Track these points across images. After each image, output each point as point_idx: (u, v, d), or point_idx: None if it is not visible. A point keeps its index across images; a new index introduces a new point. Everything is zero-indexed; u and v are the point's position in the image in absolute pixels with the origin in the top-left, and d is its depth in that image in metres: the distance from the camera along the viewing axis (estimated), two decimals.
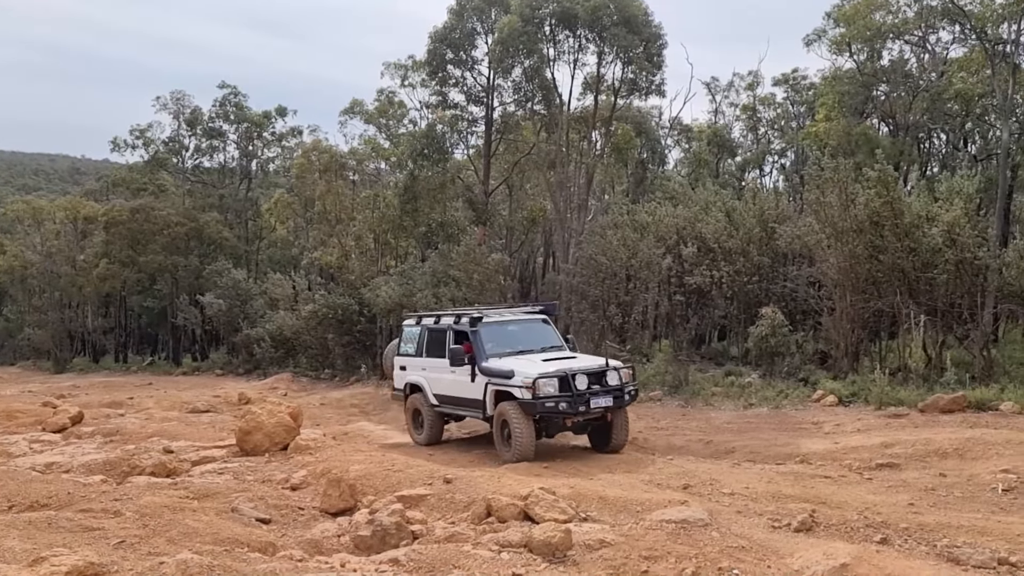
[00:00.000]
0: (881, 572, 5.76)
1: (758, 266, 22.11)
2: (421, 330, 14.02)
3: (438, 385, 13.35)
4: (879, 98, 31.76)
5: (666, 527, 7.16)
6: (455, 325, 13.18)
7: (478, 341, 12.53)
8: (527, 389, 11.39)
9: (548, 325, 13.68)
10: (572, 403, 11.41)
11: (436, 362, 13.29)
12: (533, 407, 11.43)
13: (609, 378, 11.85)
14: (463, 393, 12.68)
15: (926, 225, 18.32)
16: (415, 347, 14.03)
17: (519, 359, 12.22)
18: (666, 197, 27.28)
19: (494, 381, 12.01)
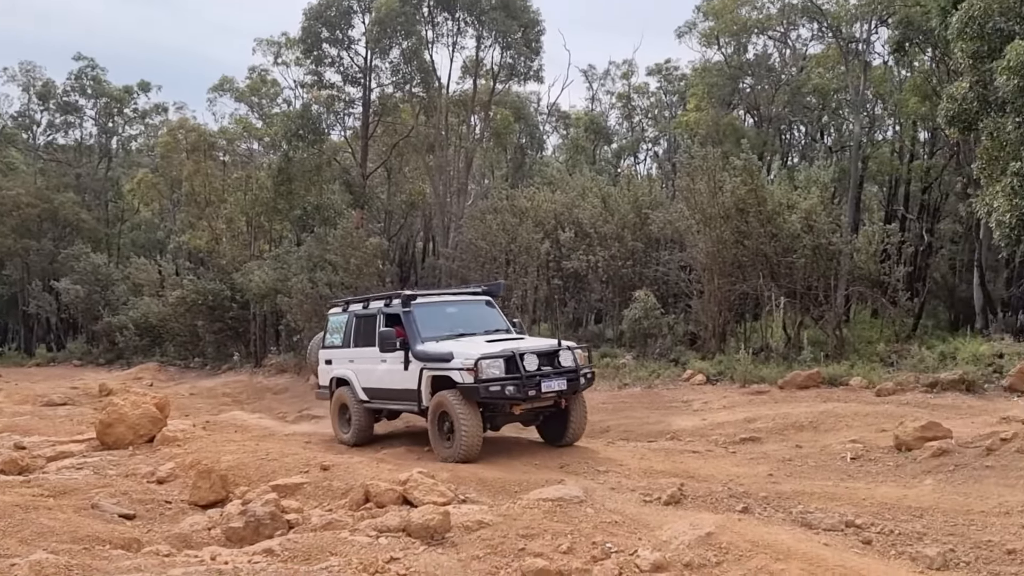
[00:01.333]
0: (742, 539, 6.07)
1: (632, 251, 22.74)
2: (348, 318, 12.53)
3: (367, 378, 11.86)
4: (745, 90, 33.24)
5: (543, 506, 7.29)
6: (386, 308, 11.72)
7: (411, 322, 11.07)
8: (468, 372, 9.89)
9: (492, 308, 12.24)
10: (520, 387, 9.91)
11: (365, 352, 11.89)
12: (475, 392, 9.89)
13: (562, 359, 10.43)
14: (395, 384, 11.18)
15: (786, 212, 19.32)
16: (342, 337, 12.58)
17: (459, 341, 10.84)
18: (544, 182, 27.65)
19: (430, 366, 10.52)
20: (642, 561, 5.74)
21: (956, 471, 8.10)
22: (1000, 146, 14.68)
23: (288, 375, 24.70)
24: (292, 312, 24.29)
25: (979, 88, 14.90)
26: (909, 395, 13.45)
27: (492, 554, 6.24)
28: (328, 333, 13.06)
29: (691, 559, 5.78)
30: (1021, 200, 13.76)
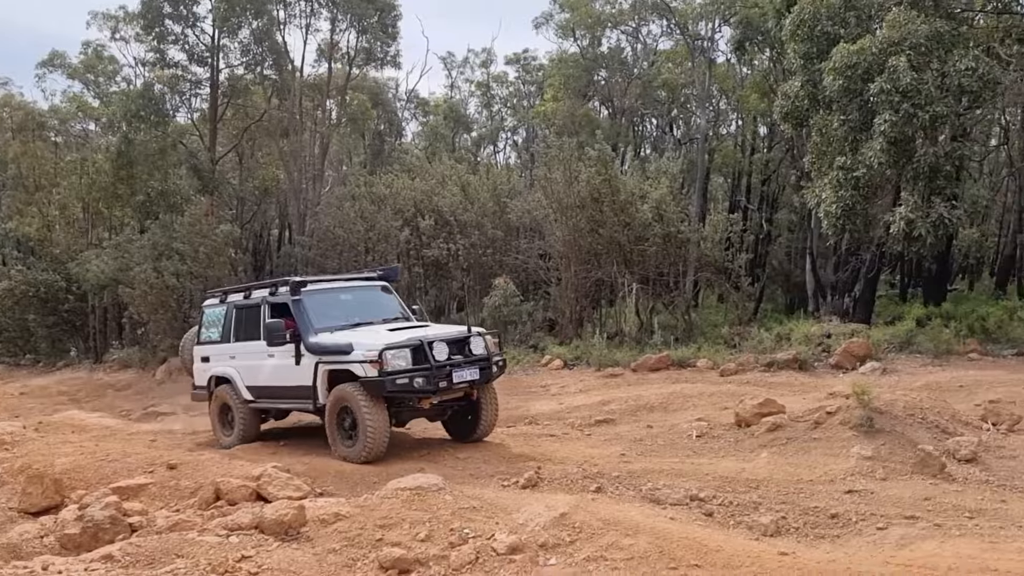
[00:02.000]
0: (594, 517, 6.27)
1: (492, 239, 22.94)
2: (227, 310, 11.41)
3: (252, 375, 10.80)
4: (600, 82, 34.19)
5: (401, 495, 7.24)
6: (271, 297, 10.68)
7: (302, 312, 10.08)
8: (372, 364, 9.07)
9: (389, 294, 11.37)
10: (430, 378, 9.12)
11: (249, 347, 10.83)
12: (380, 386, 9.06)
13: (473, 346, 9.69)
14: (286, 380, 10.21)
15: (639, 202, 20.07)
16: (220, 331, 11.47)
17: (357, 331, 9.98)
18: (404, 170, 27.40)
19: (327, 360, 9.65)
20: (499, 544, 5.82)
21: (788, 444, 8.71)
22: (828, 142, 15.85)
23: (132, 370, 23.33)
24: (136, 304, 22.92)
25: (809, 87, 16.02)
26: (749, 374, 14.31)
27: (349, 546, 6.15)
28: (203, 327, 11.89)
29: (546, 540, 5.91)
30: (845, 192, 14.92)
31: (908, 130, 14.03)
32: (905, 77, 13.61)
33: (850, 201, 15.11)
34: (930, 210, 14.21)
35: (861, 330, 16.20)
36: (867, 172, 14.69)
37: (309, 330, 9.93)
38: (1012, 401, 10.23)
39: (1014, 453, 7.95)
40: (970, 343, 14.99)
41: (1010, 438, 8.47)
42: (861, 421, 8.38)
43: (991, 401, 9.91)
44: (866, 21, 15.71)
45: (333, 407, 9.50)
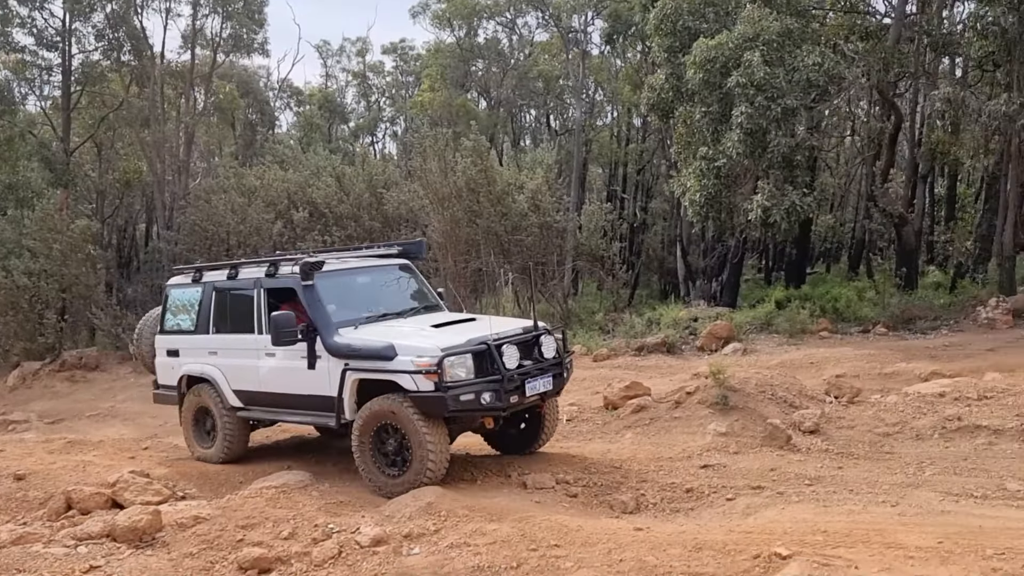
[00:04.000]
0: (460, 505, 6.34)
1: (369, 231, 22.65)
2: (204, 292, 9.04)
3: (243, 377, 8.59)
4: (477, 73, 34.33)
5: (266, 493, 7.10)
6: (269, 280, 8.38)
7: (317, 301, 7.89)
8: (427, 376, 6.98)
9: (412, 274, 9.12)
10: (501, 392, 7.13)
11: (237, 341, 8.64)
12: (440, 404, 6.98)
13: (545, 348, 7.75)
14: (293, 388, 8.08)
15: (515, 192, 20.29)
16: (194, 319, 9.12)
17: (392, 327, 7.94)
18: (276, 161, 26.64)
19: (358, 366, 7.49)
20: (362, 537, 5.80)
21: (651, 424, 9.05)
22: (691, 133, 16.52)
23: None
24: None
25: (674, 80, 16.62)
26: (621, 359, 14.75)
27: (208, 549, 5.99)
28: (169, 312, 9.45)
29: (411, 530, 5.94)
30: (708, 181, 15.59)
31: (763, 122, 14.79)
32: (759, 71, 14.34)
33: (713, 190, 15.81)
34: (784, 198, 15.04)
35: (725, 313, 16.99)
36: (727, 162, 15.39)
37: (328, 326, 7.74)
38: (855, 375, 11.00)
39: (852, 423, 8.55)
40: (822, 323, 15.97)
41: (850, 409, 9.10)
42: (717, 399, 8.80)
43: (836, 376, 10.61)
44: (724, 17, 16.44)
45: (368, 425, 7.34)
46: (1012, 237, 16.84)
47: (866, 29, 18.45)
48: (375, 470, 7.38)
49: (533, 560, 5.21)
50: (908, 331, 15.50)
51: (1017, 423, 7.91)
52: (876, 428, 8.43)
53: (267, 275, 8.45)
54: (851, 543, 4.81)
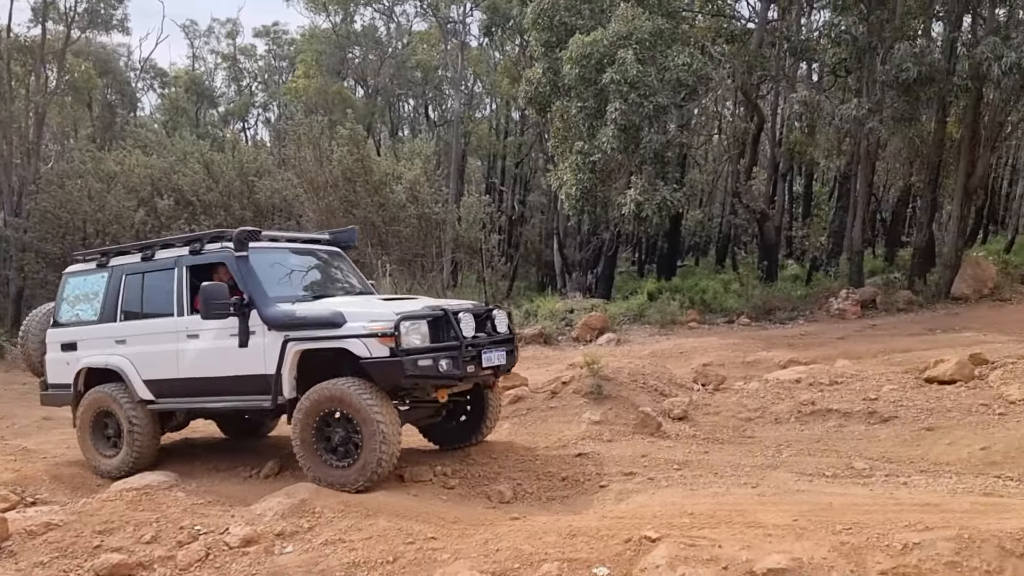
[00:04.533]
0: (336, 501, 6.22)
1: (241, 220, 21.82)
2: (110, 278, 8.34)
3: (157, 365, 7.86)
4: (353, 60, 33.67)
5: (127, 496, 6.74)
6: (193, 256, 7.78)
7: (250, 274, 7.36)
8: (380, 340, 6.53)
9: (345, 261, 8.78)
10: (458, 360, 6.79)
11: (151, 325, 7.94)
12: (396, 370, 6.53)
13: (498, 323, 7.55)
14: (220, 370, 7.43)
15: (393, 183, 20.08)
16: (98, 308, 8.37)
17: (335, 301, 7.42)
18: (139, 145, 25.23)
19: (300, 335, 6.95)
20: (232, 538, 5.60)
21: (528, 414, 9.16)
22: (568, 127, 16.81)
23: None
24: None
25: (550, 74, 16.85)
26: None
27: (61, 557, 5.63)
28: (65, 303, 8.67)
29: (283, 528, 5.77)
30: (583, 175, 15.91)
31: (636, 118, 15.23)
32: (632, 69, 14.74)
33: (588, 184, 16.15)
34: (655, 193, 15.55)
35: (600, 305, 17.42)
36: (602, 157, 15.76)
37: (265, 297, 7.22)
38: (721, 364, 11.52)
39: (717, 410, 8.96)
40: (691, 314, 16.64)
41: (716, 396, 9.53)
42: (592, 389, 9.01)
43: (703, 364, 11.08)
44: (599, 14, 16.80)
45: (312, 411, 6.77)
46: (860, 233, 18.06)
47: (732, 33, 19.31)
48: (317, 461, 6.81)
49: (410, 553, 5.18)
50: (769, 321, 16.37)
51: (864, 406, 8.50)
52: (739, 414, 8.86)
53: (191, 252, 7.81)
54: (715, 524, 5.03)
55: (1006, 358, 9.47)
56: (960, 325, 13.98)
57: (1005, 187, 33.76)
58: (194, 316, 7.59)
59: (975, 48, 14.92)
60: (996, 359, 9.47)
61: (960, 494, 5.62)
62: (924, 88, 15.37)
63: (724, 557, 4.33)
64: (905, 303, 16.32)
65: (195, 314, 7.59)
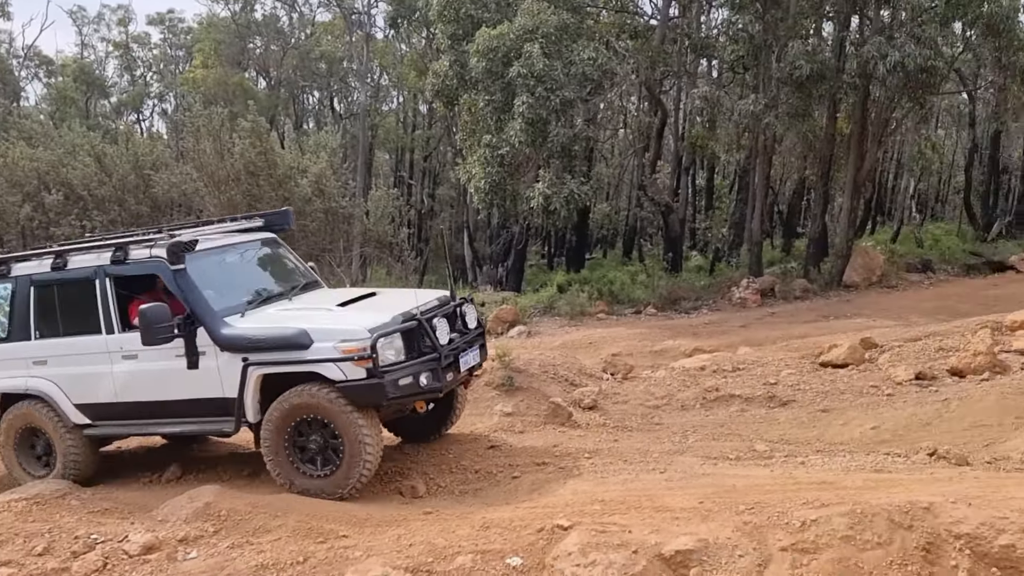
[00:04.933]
0: (242, 503, 6.04)
1: (136, 215, 20.96)
2: (17, 288, 7.34)
3: (89, 388, 7.08)
4: (255, 51, 32.74)
5: (15, 507, 6.37)
6: (117, 266, 6.92)
7: (192, 289, 6.64)
8: (357, 362, 6.09)
9: (280, 249, 7.91)
10: (438, 372, 6.41)
11: (75, 344, 7.10)
12: (378, 392, 6.13)
13: (468, 318, 7.15)
14: (169, 393, 6.80)
15: (298, 176, 19.65)
16: (2, 324, 7.42)
17: (287, 310, 6.88)
18: (23, 137, 23.84)
19: (261, 359, 6.37)
20: (131, 546, 5.38)
21: None
22: (476, 120, 16.81)
23: None
24: None
25: (457, 67, 16.80)
26: None
27: None
28: None
29: (187, 533, 5.58)
30: (492, 168, 15.95)
31: (543, 112, 15.36)
32: (538, 63, 14.86)
33: (496, 177, 16.20)
34: (563, 186, 15.73)
35: (511, 298, 17.52)
36: (510, 150, 15.83)
37: (213, 315, 6.54)
38: (629, 353, 11.76)
39: (626, 398, 9.15)
40: (599, 305, 16.92)
41: (624, 385, 9.73)
42: (503, 381, 9.05)
43: (612, 354, 11.28)
44: (505, 8, 16.84)
45: (283, 423, 6.32)
46: (759, 225, 18.75)
47: (635, 29, 19.69)
48: (293, 472, 6.40)
49: (321, 553, 5.09)
50: (674, 311, 16.82)
51: (764, 391, 8.83)
52: (647, 402, 9.07)
53: (113, 261, 6.92)
54: (625, 510, 5.13)
55: (893, 342, 10.01)
56: (852, 311, 14.70)
57: (891, 180, 35.65)
58: (127, 334, 6.84)
59: (862, 47, 15.67)
60: (884, 343, 9.99)
61: (853, 471, 5.90)
62: (816, 85, 16.06)
63: (634, 541, 4.42)
64: (801, 291, 17.05)
65: (128, 331, 6.84)
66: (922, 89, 16.43)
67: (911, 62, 14.74)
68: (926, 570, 4.00)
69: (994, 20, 15.42)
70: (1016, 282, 18.01)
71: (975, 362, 8.52)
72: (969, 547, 4.07)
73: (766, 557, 4.20)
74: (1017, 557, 3.99)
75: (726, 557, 4.23)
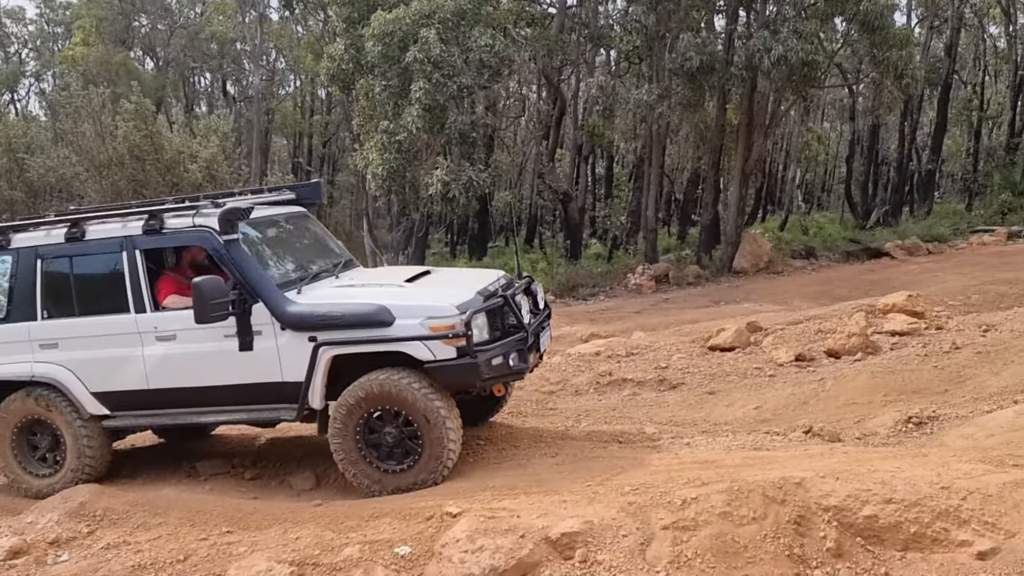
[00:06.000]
0: (121, 501, 5.77)
1: (10, 201, 19.78)
2: (18, 262, 6.52)
3: (113, 373, 6.33)
4: (140, 29, 31.25)
5: None
6: (151, 237, 6.21)
7: (247, 261, 6.03)
8: (448, 341, 5.62)
9: (314, 223, 7.39)
10: (524, 352, 5.96)
11: (96, 325, 6.32)
12: (472, 373, 5.69)
13: (539, 297, 6.74)
14: (215, 378, 6.12)
15: (188, 161, 18.92)
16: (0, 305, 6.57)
17: (347, 287, 6.34)
18: None
19: (334, 338, 5.79)
20: None
21: None
22: (373, 106, 16.55)
23: None
24: None
25: (353, 51, 16.48)
26: None
27: None
28: None
29: (59, 535, 5.31)
30: (390, 155, 15.75)
31: (441, 98, 15.25)
32: (435, 48, 14.73)
33: (394, 164, 16.01)
34: (462, 173, 15.69)
35: None
36: (408, 136, 15.67)
37: (273, 290, 5.97)
38: None
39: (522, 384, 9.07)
40: None
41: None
42: None
43: None
44: None
45: (356, 410, 5.79)
46: (654, 213, 19.22)
47: (533, 16, 19.79)
48: (368, 468, 5.87)
49: (203, 550, 4.93)
50: (573, 298, 17.07)
51: (655, 375, 9.07)
52: (542, 387, 9.16)
53: (146, 231, 6.17)
54: (515, 495, 5.17)
55: (776, 325, 10.44)
56: (740, 296, 15.27)
57: (780, 170, 37.18)
58: (161, 313, 6.23)
59: (749, 41, 16.23)
60: (768, 326, 10.41)
61: (734, 450, 6.13)
62: (706, 77, 16.54)
63: (522, 526, 4.46)
64: (694, 277, 17.59)
65: (160, 310, 6.24)
66: (805, 82, 17.15)
67: (794, 56, 15.36)
68: (797, 542, 4.17)
69: (870, 17, 16.24)
70: (890, 268, 19.12)
71: (850, 343, 8.97)
72: (836, 519, 4.27)
73: (648, 536, 4.30)
74: (879, 526, 4.22)
75: (610, 537, 4.31)
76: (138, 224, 6.22)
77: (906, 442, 6.05)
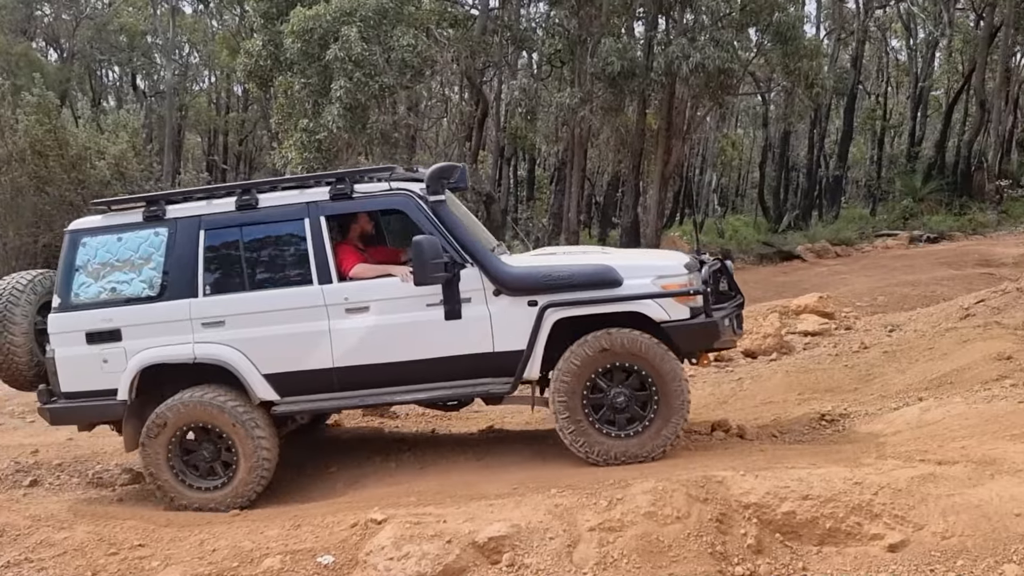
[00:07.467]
0: (22, 516, 5.46)
1: None
2: (177, 234, 5.85)
3: (290, 353, 5.73)
4: (43, 19, 29.87)
5: None
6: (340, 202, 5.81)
7: (456, 224, 5.72)
8: (682, 300, 5.45)
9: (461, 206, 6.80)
10: (741, 318, 6.10)
11: (272, 299, 5.76)
12: (710, 333, 5.52)
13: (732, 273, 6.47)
14: (415, 351, 5.62)
15: (94, 158, 18.23)
16: (154, 279, 5.84)
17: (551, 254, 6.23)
18: None
19: (561, 299, 5.45)
20: None
21: None
22: (292, 104, 16.20)
23: None
24: None
25: (271, 47, 16.11)
26: None
27: None
28: (84, 274, 5.92)
29: None
30: (310, 154, 15.46)
31: (362, 97, 15.04)
32: (356, 47, 14.52)
33: (315, 163, 15.69)
34: None
35: None
36: (328, 136, 15.39)
37: (485, 252, 5.68)
38: None
39: None
40: None
41: None
42: None
43: None
44: None
45: (585, 370, 5.40)
46: (576, 215, 19.41)
47: (456, 17, 19.74)
48: (593, 434, 5.46)
49: (112, 566, 4.71)
50: None
51: None
52: None
53: (334, 196, 5.76)
54: (441, 499, 5.12)
55: None
56: None
57: (697, 175, 38.10)
58: (350, 283, 5.76)
59: (668, 47, 16.56)
60: None
61: None
62: (627, 81, 16.80)
63: (448, 531, 4.42)
64: None
65: (345, 280, 5.78)
66: (721, 89, 17.62)
67: (711, 63, 15.77)
68: (719, 540, 4.25)
69: (782, 28, 16.82)
70: (802, 270, 19.83)
71: (765, 343, 9.25)
72: (756, 516, 4.38)
73: (575, 538, 4.32)
74: (797, 522, 4.34)
75: (537, 540, 4.31)
76: (322, 190, 5.85)
77: (820, 439, 6.26)
